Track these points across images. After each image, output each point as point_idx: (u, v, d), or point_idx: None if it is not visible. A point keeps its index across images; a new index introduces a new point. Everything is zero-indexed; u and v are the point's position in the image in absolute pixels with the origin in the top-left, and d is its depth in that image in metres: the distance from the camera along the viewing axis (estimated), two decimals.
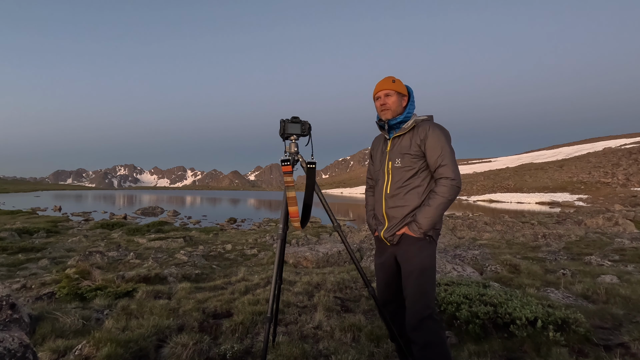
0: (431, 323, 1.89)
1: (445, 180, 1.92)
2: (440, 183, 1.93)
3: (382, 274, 2.19)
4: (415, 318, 1.91)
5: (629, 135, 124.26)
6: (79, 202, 54.13)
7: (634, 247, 8.27)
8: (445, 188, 1.90)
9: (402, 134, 2.06)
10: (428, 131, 1.97)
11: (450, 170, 1.91)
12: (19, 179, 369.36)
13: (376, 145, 2.25)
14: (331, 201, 36.13)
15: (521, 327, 2.63)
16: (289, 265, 6.74)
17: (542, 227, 16.94)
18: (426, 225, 1.91)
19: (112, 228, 17.77)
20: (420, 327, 1.89)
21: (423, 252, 1.97)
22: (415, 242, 1.97)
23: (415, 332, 1.91)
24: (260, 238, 13.69)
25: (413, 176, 2.00)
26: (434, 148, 1.94)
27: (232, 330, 2.96)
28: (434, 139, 1.95)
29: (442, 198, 1.90)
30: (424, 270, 1.95)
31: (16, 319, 2.70)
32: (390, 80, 2.07)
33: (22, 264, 8.00)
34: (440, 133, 1.96)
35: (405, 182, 2.01)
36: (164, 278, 5.24)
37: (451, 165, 1.92)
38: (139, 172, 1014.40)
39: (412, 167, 2.00)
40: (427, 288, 1.94)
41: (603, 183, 58.46)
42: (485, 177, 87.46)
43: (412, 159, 1.99)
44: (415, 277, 1.95)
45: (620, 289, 3.90)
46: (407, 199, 1.99)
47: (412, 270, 1.96)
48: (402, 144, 2.04)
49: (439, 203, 1.90)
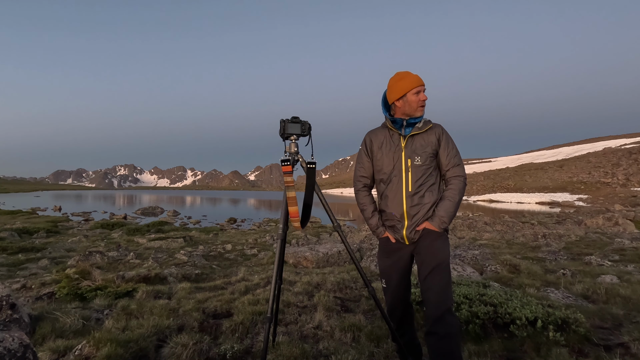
0: (452, 316, 1.95)
1: (460, 177, 2.06)
2: (456, 180, 2.06)
3: (396, 275, 2.15)
4: (439, 310, 1.93)
5: (629, 135, 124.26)
6: (79, 202, 54.14)
7: (634, 247, 8.26)
8: (461, 185, 2.05)
9: (417, 133, 2.07)
10: (442, 133, 2.09)
11: (463, 169, 2.09)
12: (19, 179, 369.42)
13: (377, 141, 2.13)
14: (331, 201, 36.11)
15: (521, 327, 2.63)
16: (289, 265, 6.74)
17: (542, 227, 16.94)
18: (448, 219, 2.00)
19: (112, 228, 17.78)
20: (443, 319, 1.91)
21: (445, 246, 2.04)
22: (438, 237, 2.02)
23: (437, 324, 1.92)
24: (260, 238, 13.69)
25: (430, 174, 2.07)
26: (448, 149, 2.08)
27: (232, 330, 2.96)
28: (448, 140, 2.10)
29: (460, 194, 2.04)
30: (447, 263, 2.02)
31: (16, 319, 2.70)
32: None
33: (22, 264, 7.99)
34: (450, 136, 2.13)
35: (426, 180, 2.06)
36: (164, 278, 5.24)
37: (462, 165, 2.10)
38: (139, 172, 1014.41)
39: (430, 165, 2.07)
40: (449, 281, 2.01)
41: (603, 183, 58.45)
42: (485, 177, 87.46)
43: (430, 157, 2.06)
44: (440, 271, 1.98)
45: (620, 289, 3.90)
46: (427, 196, 2.05)
47: (438, 264, 1.98)
48: (421, 143, 2.06)
49: (458, 198, 2.03)
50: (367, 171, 2.19)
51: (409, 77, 2.04)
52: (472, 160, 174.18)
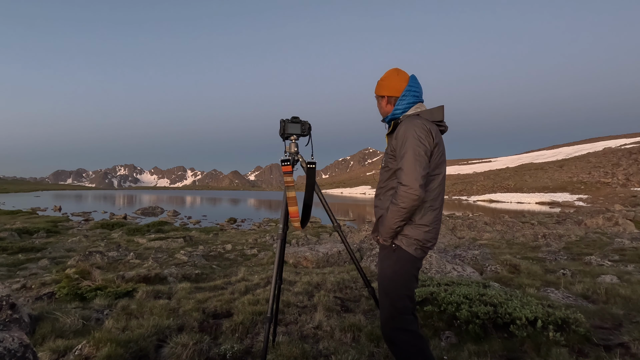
0: (403, 336, 1.78)
1: (400, 186, 1.72)
2: (397, 189, 1.74)
3: None
4: (384, 330, 1.84)
5: (629, 135, 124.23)
6: (79, 202, 54.14)
7: (634, 247, 8.27)
8: (398, 196, 1.72)
9: (389, 133, 1.97)
10: (401, 129, 1.80)
11: (404, 175, 1.71)
12: (19, 179, 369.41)
13: None
14: (331, 201, 36.12)
15: (521, 327, 2.62)
16: (289, 265, 6.74)
17: (542, 227, 16.95)
18: (385, 233, 1.80)
19: (112, 228, 17.78)
20: (387, 339, 1.84)
21: (385, 260, 1.87)
22: (383, 249, 1.90)
23: (390, 346, 1.84)
24: (260, 238, 13.69)
25: (390, 177, 1.88)
26: (399, 148, 1.78)
27: (232, 330, 2.96)
28: (404, 138, 1.76)
29: (394, 206, 1.73)
30: (385, 279, 1.85)
31: (16, 319, 2.70)
32: (378, 81, 2.03)
33: (22, 264, 8.00)
34: (405, 130, 1.77)
35: (384, 183, 1.92)
36: (164, 278, 5.24)
37: (407, 169, 1.70)
38: (139, 172, 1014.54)
39: (390, 167, 1.88)
40: (392, 298, 1.81)
41: (603, 183, 58.44)
42: (485, 177, 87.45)
43: (389, 158, 1.88)
44: (380, 285, 1.88)
45: (620, 289, 3.90)
46: (384, 201, 1.89)
47: (379, 282, 1.90)
48: (390, 144, 1.93)
49: (392, 210, 1.74)
50: None
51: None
52: (472, 160, 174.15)
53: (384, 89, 2.01)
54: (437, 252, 6.74)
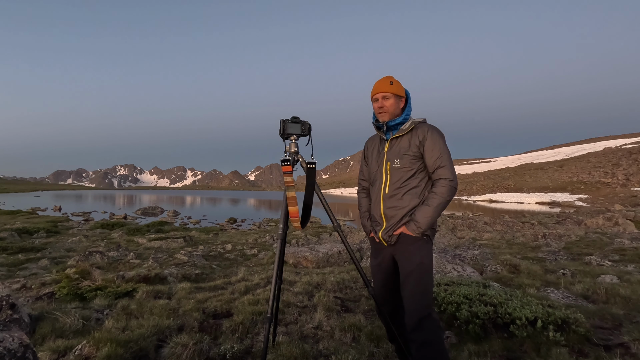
0: (430, 322, 1.91)
1: (444, 181, 1.96)
2: (439, 184, 1.97)
3: (380, 275, 2.19)
4: (414, 317, 1.92)
5: (629, 135, 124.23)
6: (79, 202, 54.13)
7: (634, 247, 8.27)
8: (444, 189, 1.95)
9: (400, 135, 2.07)
10: (427, 133, 2.00)
11: (448, 171, 1.96)
12: (19, 179, 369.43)
13: (371, 146, 2.25)
14: (331, 201, 36.12)
15: (521, 327, 2.63)
16: (289, 265, 6.74)
17: (542, 227, 16.95)
18: (425, 225, 1.94)
19: (112, 228, 17.77)
20: (419, 327, 1.90)
21: (422, 251, 1.99)
22: (414, 242, 1.99)
23: (414, 332, 1.92)
24: (260, 238, 13.69)
25: (411, 177, 2.03)
26: (433, 150, 1.99)
27: (232, 330, 2.96)
28: (433, 140, 1.99)
29: (440, 198, 1.94)
30: (423, 269, 1.97)
31: (16, 319, 2.70)
32: (388, 82, 2.06)
33: (22, 264, 7.99)
34: (438, 135, 2.01)
35: (404, 183, 2.03)
36: (164, 278, 5.24)
37: (449, 166, 1.97)
38: (139, 172, 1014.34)
39: (411, 167, 2.02)
40: (426, 287, 1.96)
41: (603, 183, 58.45)
42: (485, 177, 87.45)
43: (411, 159, 2.02)
44: (414, 277, 1.96)
45: (620, 289, 3.90)
46: (405, 200, 2.01)
47: (412, 270, 1.97)
48: (401, 145, 2.05)
49: (438, 203, 1.94)
50: (365, 174, 2.31)
51: (374, 85, 2.12)
52: (472, 160, 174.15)
53: (400, 89, 2.10)
54: (437, 252, 6.74)
